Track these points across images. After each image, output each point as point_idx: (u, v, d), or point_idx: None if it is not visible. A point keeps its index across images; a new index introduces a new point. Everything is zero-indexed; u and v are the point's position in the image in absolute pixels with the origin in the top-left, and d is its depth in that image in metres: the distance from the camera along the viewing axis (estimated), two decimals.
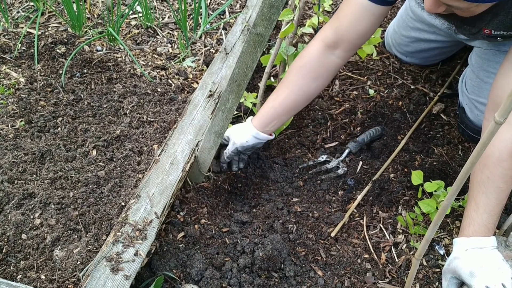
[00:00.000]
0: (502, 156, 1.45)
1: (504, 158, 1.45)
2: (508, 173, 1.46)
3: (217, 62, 2.14)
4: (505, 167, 1.45)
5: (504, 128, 1.43)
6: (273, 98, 1.75)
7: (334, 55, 1.70)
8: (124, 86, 2.08)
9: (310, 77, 1.72)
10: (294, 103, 1.75)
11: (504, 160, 1.45)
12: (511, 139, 1.44)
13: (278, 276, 1.58)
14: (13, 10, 2.43)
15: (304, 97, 1.76)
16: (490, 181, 1.47)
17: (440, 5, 1.37)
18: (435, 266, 1.64)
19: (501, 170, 1.46)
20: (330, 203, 1.83)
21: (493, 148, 1.46)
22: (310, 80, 1.72)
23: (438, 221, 0.98)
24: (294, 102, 1.75)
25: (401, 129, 2.08)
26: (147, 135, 1.86)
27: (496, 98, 1.51)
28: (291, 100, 1.74)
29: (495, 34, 1.56)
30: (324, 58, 1.70)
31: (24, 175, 1.66)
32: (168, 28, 2.47)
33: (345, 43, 1.67)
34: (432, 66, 2.34)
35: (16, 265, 1.42)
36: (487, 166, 1.47)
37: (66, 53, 2.21)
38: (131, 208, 1.52)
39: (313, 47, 1.71)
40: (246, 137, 1.73)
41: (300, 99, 1.75)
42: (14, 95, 1.97)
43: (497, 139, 1.45)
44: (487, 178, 1.47)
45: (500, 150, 1.45)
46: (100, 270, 1.35)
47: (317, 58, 1.70)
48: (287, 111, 1.76)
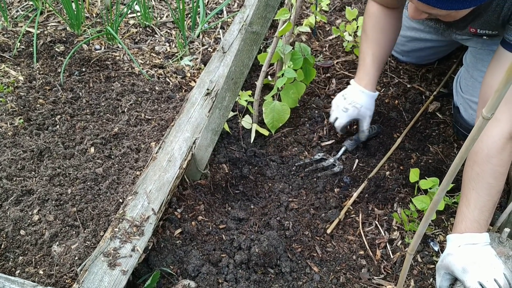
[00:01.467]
0: (490, 152, 1.46)
1: (493, 154, 1.46)
2: (497, 169, 1.47)
3: (214, 61, 2.15)
4: (494, 163, 1.47)
5: (492, 125, 1.46)
6: (370, 57, 1.87)
7: (390, 11, 1.86)
8: (122, 84, 2.10)
9: (388, 28, 1.88)
10: (386, 55, 1.95)
11: (492, 156, 1.46)
12: (499, 135, 1.46)
13: (274, 272, 1.60)
14: (12, 9, 2.45)
15: (390, 47, 1.95)
16: (480, 177, 1.48)
17: (421, 13, 1.42)
18: (429, 263, 1.65)
19: (490, 166, 1.47)
20: (326, 201, 1.84)
21: (482, 144, 1.47)
22: (389, 31, 1.89)
23: (429, 215, 1.00)
24: (386, 54, 1.93)
25: (397, 128, 2.10)
26: (144, 132, 1.87)
27: (484, 95, 1.54)
28: (385, 53, 1.91)
29: (480, 32, 1.61)
30: (385, 14, 1.86)
31: (22, 172, 1.68)
32: (166, 27, 2.49)
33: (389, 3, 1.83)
34: (428, 65, 2.36)
35: (15, 261, 1.44)
36: (476, 163, 1.49)
37: (65, 52, 2.23)
38: (129, 204, 1.54)
39: (372, 7, 1.87)
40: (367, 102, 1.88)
41: (388, 51, 1.94)
42: (13, 93, 1.99)
43: (485, 135, 1.46)
44: (477, 175, 1.48)
45: (488, 147, 1.46)
46: (98, 265, 1.37)
47: (384, 13, 1.85)
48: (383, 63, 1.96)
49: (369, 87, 1.86)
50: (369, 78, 1.87)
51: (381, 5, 1.85)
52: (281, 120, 1.96)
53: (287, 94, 1.97)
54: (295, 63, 1.95)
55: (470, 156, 1.51)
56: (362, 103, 1.86)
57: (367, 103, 1.87)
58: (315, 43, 2.48)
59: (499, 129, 1.46)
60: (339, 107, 1.90)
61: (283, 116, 1.96)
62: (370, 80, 1.87)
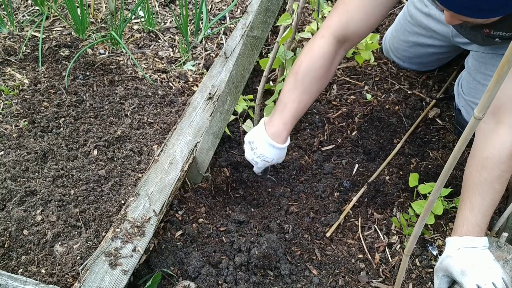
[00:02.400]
0: (501, 158, 1.48)
1: (503, 160, 1.48)
2: (504, 175, 1.49)
3: (216, 66, 2.18)
4: (503, 169, 1.48)
5: (504, 131, 1.48)
6: (294, 106, 1.62)
7: (342, 49, 1.66)
8: (125, 88, 2.13)
9: (325, 76, 1.66)
10: (311, 103, 1.72)
11: (503, 163, 1.48)
12: (511, 143, 1.48)
13: (273, 274, 1.61)
14: (19, 14, 2.49)
15: (318, 94, 1.73)
16: (487, 182, 1.49)
17: (457, 19, 1.41)
18: (428, 267, 1.67)
19: (499, 172, 1.48)
20: (326, 205, 1.86)
21: (493, 150, 1.49)
22: (324, 79, 1.67)
23: (425, 216, 1.02)
24: (312, 102, 1.71)
25: (397, 133, 2.12)
26: (147, 136, 1.90)
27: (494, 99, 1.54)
28: (311, 102, 1.69)
29: (494, 34, 1.59)
30: (337, 54, 1.65)
31: (26, 173, 1.70)
32: (169, 32, 2.52)
33: (355, 37, 1.65)
34: (429, 72, 2.38)
35: (18, 260, 1.46)
36: (485, 168, 1.50)
37: (70, 56, 2.26)
38: (130, 205, 1.56)
39: (325, 42, 1.61)
40: (278, 155, 1.67)
41: (315, 98, 1.72)
42: (18, 96, 2.02)
43: (498, 141, 1.48)
44: (484, 180, 1.50)
45: (500, 153, 1.48)
46: (99, 265, 1.39)
47: (332, 55, 1.62)
48: (304, 113, 1.70)
49: (281, 139, 1.62)
50: (284, 129, 1.62)
51: (337, 41, 1.61)
52: None
53: None
54: None
55: (478, 161, 1.52)
56: (272, 157, 1.65)
57: (277, 155, 1.67)
58: None
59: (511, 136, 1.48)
60: (248, 157, 1.72)
61: None
62: (284, 130, 1.62)
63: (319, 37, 1.62)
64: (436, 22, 2.01)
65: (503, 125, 1.50)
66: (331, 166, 1.98)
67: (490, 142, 1.51)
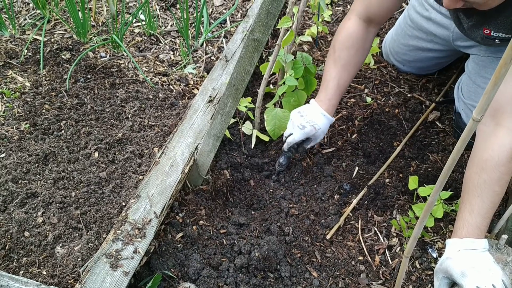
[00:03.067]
0: (501, 161, 1.49)
1: (503, 163, 1.48)
2: (504, 177, 1.50)
3: (217, 69, 2.19)
4: (502, 171, 1.49)
5: (503, 134, 1.49)
6: (335, 83, 1.82)
7: (372, 27, 1.84)
8: (126, 91, 2.14)
9: (360, 52, 1.85)
10: (351, 79, 1.90)
11: (502, 165, 1.49)
12: (511, 145, 1.49)
13: (273, 276, 1.61)
14: (20, 17, 2.50)
15: (356, 70, 1.91)
16: (487, 184, 1.50)
17: (458, 1, 1.43)
18: (428, 269, 1.67)
19: (498, 174, 1.49)
20: (326, 207, 1.86)
21: (492, 153, 1.49)
22: (360, 55, 1.86)
23: (424, 217, 1.02)
24: (351, 78, 1.90)
25: (397, 136, 2.12)
26: (148, 138, 1.91)
27: (493, 102, 1.56)
28: (350, 78, 1.88)
29: (494, 35, 1.61)
30: (368, 32, 1.84)
31: (28, 175, 1.71)
32: (170, 36, 2.54)
33: (378, 18, 1.81)
34: (429, 75, 2.39)
35: (19, 261, 1.46)
36: (485, 170, 1.51)
37: (71, 59, 2.27)
38: (131, 207, 1.57)
39: (352, 24, 1.82)
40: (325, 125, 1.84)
41: (354, 74, 1.90)
42: (19, 98, 2.03)
43: (497, 144, 1.49)
44: (484, 182, 1.50)
45: (499, 155, 1.49)
46: (100, 266, 1.39)
47: (361, 33, 1.82)
48: (346, 89, 1.91)
49: (329, 112, 1.83)
50: (330, 104, 1.83)
51: (363, 21, 1.81)
52: (283, 127, 1.99)
53: (288, 102, 2.00)
54: (296, 72, 1.98)
55: (478, 163, 1.53)
56: (321, 125, 1.82)
57: (325, 126, 1.84)
58: (317, 53, 2.52)
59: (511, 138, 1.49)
60: (294, 123, 1.84)
61: (285, 123, 1.98)
62: (331, 105, 1.84)
63: (347, 20, 1.84)
64: (437, 26, 2.02)
65: (502, 128, 1.51)
66: (332, 169, 1.99)
67: (490, 144, 1.52)
